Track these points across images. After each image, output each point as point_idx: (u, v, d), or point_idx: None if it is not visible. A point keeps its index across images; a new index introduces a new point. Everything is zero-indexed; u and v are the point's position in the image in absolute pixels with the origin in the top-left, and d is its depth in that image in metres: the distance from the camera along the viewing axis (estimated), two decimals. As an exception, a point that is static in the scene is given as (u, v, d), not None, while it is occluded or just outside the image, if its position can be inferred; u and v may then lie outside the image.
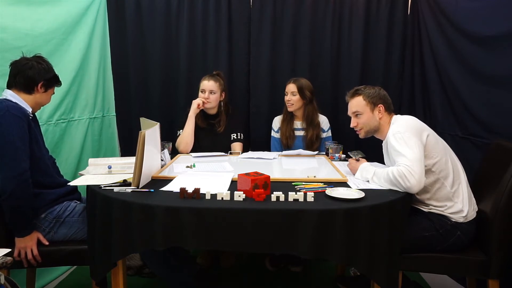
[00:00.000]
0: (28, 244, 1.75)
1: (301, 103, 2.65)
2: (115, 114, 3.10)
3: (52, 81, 1.89)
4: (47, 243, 1.81)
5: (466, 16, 2.33)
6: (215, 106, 2.65)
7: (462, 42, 2.37)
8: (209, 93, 2.59)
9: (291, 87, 2.65)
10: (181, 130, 2.61)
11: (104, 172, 1.93)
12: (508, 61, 2.00)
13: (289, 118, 2.73)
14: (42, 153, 1.86)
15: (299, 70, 2.96)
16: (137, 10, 2.96)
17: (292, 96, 2.64)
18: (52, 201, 1.86)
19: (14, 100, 1.79)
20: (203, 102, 2.58)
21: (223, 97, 2.68)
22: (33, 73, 1.82)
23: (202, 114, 2.66)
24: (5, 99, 1.79)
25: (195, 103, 2.58)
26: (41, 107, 1.95)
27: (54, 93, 1.95)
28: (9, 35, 2.01)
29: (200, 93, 2.62)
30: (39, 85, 1.84)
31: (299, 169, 2.19)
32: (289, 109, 2.68)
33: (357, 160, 2.04)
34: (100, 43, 2.87)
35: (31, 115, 1.86)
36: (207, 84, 2.60)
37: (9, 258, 1.26)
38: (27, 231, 1.76)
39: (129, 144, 3.04)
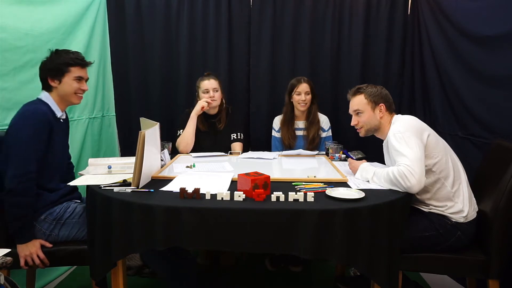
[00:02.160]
0: (32, 250, 1.75)
1: (311, 102, 2.66)
2: (114, 114, 3.10)
3: (59, 68, 1.85)
4: (50, 245, 1.81)
5: (466, 16, 2.33)
6: (220, 103, 2.65)
7: (462, 42, 2.37)
8: (213, 91, 2.59)
9: (305, 87, 2.64)
10: (181, 130, 2.61)
11: (104, 172, 1.93)
12: (508, 61, 2.00)
13: (289, 118, 2.73)
14: (55, 160, 1.86)
15: (299, 70, 2.96)
16: (137, 10, 2.96)
17: (306, 95, 2.64)
18: (52, 202, 1.86)
19: (46, 101, 1.84)
20: (208, 103, 2.57)
21: (223, 94, 2.68)
22: (41, 72, 1.87)
23: (203, 116, 2.65)
24: (38, 99, 1.85)
25: (199, 105, 2.57)
26: (79, 96, 1.93)
27: (77, 78, 1.88)
28: (9, 35, 2.01)
29: (202, 94, 2.62)
30: (49, 80, 1.85)
31: (299, 169, 2.19)
32: (302, 109, 2.67)
33: (357, 159, 2.05)
34: (100, 43, 2.87)
35: (62, 119, 1.92)
36: (209, 83, 2.60)
37: (9, 258, 1.25)
38: (27, 236, 1.75)
39: (129, 144, 3.04)
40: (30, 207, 1.74)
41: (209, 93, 2.59)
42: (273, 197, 1.55)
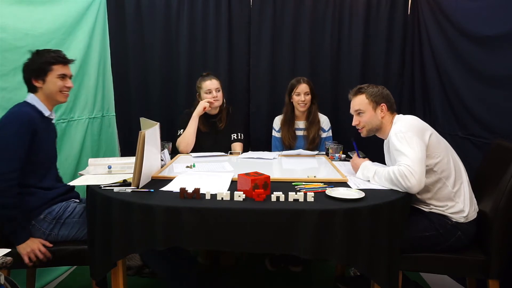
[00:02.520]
0: (34, 247, 1.75)
1: (310, 102, 2.66)
2: (114, 114, 3.10)
3: (41, 68, 1.83)
4: (51, 245, 1.80)
5: (466, 16, 2.33)
6: (222, 103, 2.65)
7: (462, 42, 2.37)
8: (216, 91, 2.60)
9: (304, 88, 2.64)
10: (181, 130, 2.61)
11: (104, 172, 1.93)
12: (508, 61, 2.00)
13: (289, 118, 2.73)
14: (46, 158, 1.86)
15: (299, 70, 2.96)
16: (137, 10, 2.96)
17: (306, 96, 2.64)
18: (50, 200, 1.86)
19: (31, 102, 1.83)
20: (210, 103, 2.57)
21: (223, 94, 2.68)
22: (24, 74, 1.85)
23: (203, 116, 2.65)
24: (24, 101, 1.84)
25: (201, 105, 2.56)
26: (65, 94, 1.90)
27: (60, 76, 1.86)
28: (9, 35, 2.01)
29: (204, 95, 2.61)
30: (33, 81, 1.84)
31: (299, 169, 2.19)
32: (302, 109, 2.68)
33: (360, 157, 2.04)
34: (100, 43, 2.87)
35: (52, 118, 1.91)
36: (211, 83, 2.60)
37: (9, 258, 1.25)
38: (23, 236, 1.75)
39: (129, 144, 3.04)
40: (14, 208, 1.71)
41: (212, 93, 2.59)
42: (273, 197, 1.55)
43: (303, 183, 1.78)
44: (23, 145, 1.74)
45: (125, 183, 1.74)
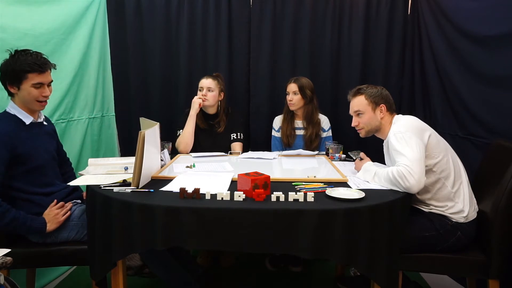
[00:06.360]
0: (57, 221, 1.79)
1: (302, 102, 2.66)
2: (114, 114, 3.10)
3: (15, 74, 1.70)
4: (68, 205, 1.87)
5: (466, 16, 2.33)
6: (214, 104, 2.65)
7: (462, 42, 2.37)
8: (207, 90, 2.60)
9: (292, 87, 2.65)
10: (181, 130, 2.61)
11: (105, 172, 1.93)
12: (508, 61, 2.00)
13: (289, 117, 2.74)
14: (42, 162, 1.83)
15: (299, 70, 2.96)
16: (137, 10, 2.96)
17: (293, 95, 2.64)
18: (48, 206, 1.84)
19: (11, 111, 1.78)
20: (202, 100, 2.58)
21: (222, 97, 2.68)
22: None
23: (202, 115, 2.66)
24: (5, 111, 1.79)
25: (196, 102, 2.57)
26: (41, 103, 1.81)
27: (36, 85, 1.74)
28: (9, 35, 2.01)
29: (198, 92, 2.63)
30: (8, 86, 1.74)
31: (299, 169, 2.19)
32: (291, 108, 2.68)
33: (361, 159, 2.05)
34: (100, 43, 2.88)
35: (39, 122, 1.86)
36: (205, 81, 2.61)
37: (9, 258, 1.25)
38: (38, 222, 1.75)
39: (129, 144, 3.04)
40: (8, 211, 1.66)
41: (202, 91, 2.60)
42: (273, 197, 1.55)
43: (303, 183, 1.78)
44: (1, 159, 1.66)
45: (125, 183, 1.74)
